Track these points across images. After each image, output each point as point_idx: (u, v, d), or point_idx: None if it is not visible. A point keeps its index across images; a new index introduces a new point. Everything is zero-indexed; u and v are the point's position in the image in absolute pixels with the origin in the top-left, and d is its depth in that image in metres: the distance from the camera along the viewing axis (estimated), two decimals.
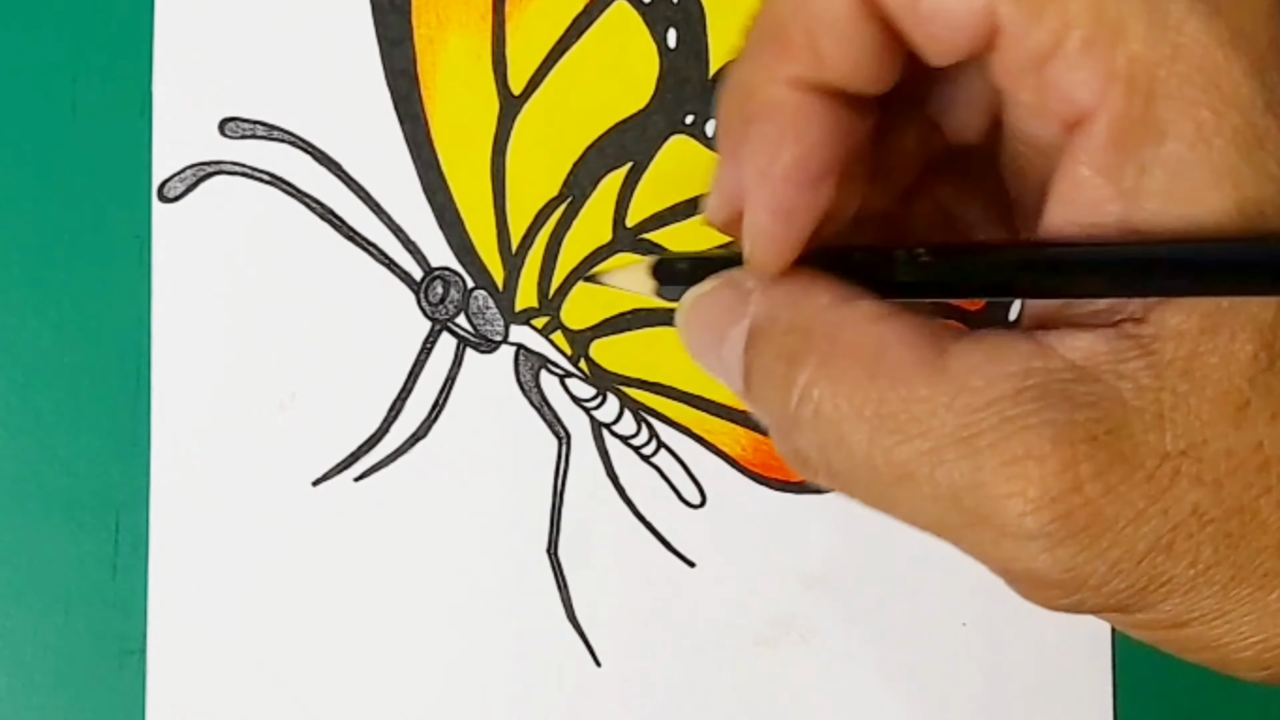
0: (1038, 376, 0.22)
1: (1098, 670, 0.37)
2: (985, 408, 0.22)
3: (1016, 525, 0.22)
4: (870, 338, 0.23)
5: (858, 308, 0.24)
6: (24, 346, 0.36)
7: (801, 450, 0.24)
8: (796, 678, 0.37)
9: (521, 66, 0.37)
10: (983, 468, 0.22)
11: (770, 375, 0.24)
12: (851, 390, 0.23)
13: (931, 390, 0.23)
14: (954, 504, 0.23)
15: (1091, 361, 0.22)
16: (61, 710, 0.35)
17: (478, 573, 0.36)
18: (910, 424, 0.23)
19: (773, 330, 0.25)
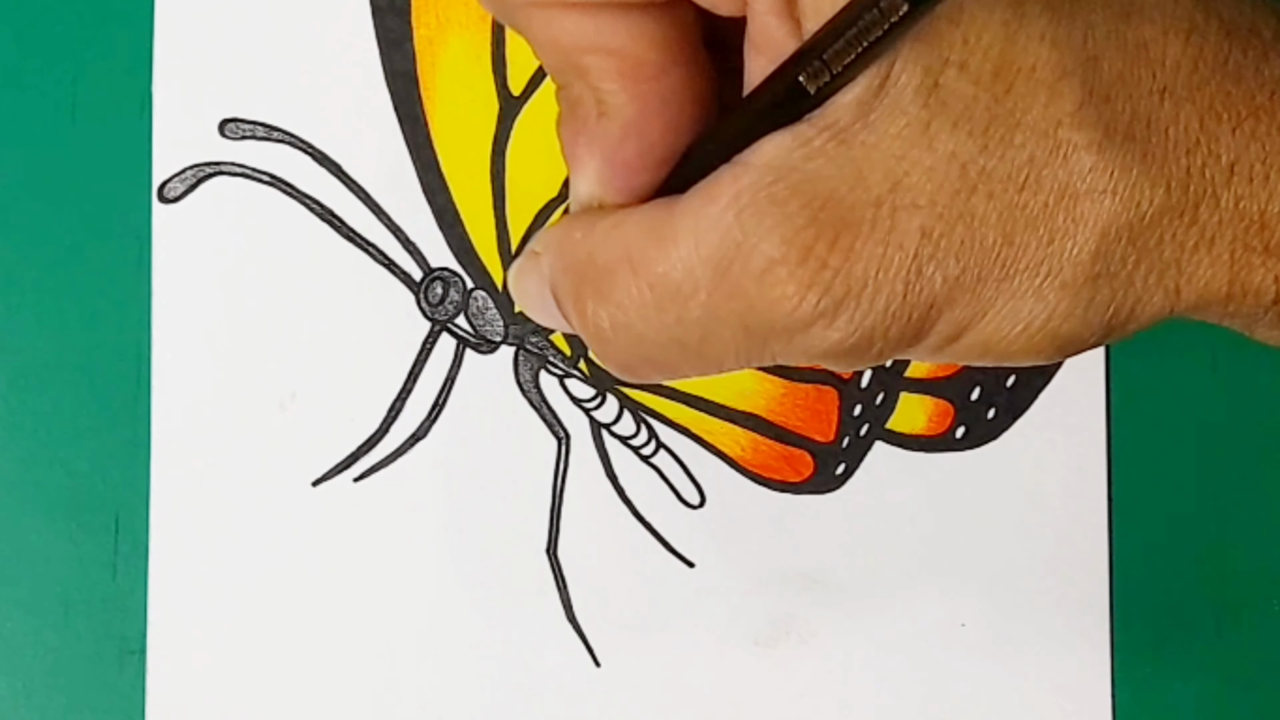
0: (747, 195, 0.25)
1: (1097, 670, 0.37)
2: (721, 242, 0.25)
3: (796, 320, 0.25)
4: (617, 245, 0.26)
5: (600, 228, 0.27)
6: (24, 346, 0.36)
7: (623, 361, 0.27)
8: (796, 678, 0.37)
9: (521, 67, 0.37)
10: (748, 291, 0.25)
11: (571, 316, 0.28)
12: (625, 293, 0.26)
13: (678, 252, 0.25)
14: (746, 331, 0.25)
15: (781, 158, 0.24)
16: (61, 710, 0.35)
17: (478, 573, 0.36)
18: (679, 289, 0.25)
19: (558, 280, 0.28)
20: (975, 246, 0.25)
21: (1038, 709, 0.37)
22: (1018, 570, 0.37)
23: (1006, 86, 0.24)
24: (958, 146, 0.24)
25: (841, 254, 0.24)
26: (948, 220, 0.24)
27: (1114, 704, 0.37)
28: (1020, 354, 0.26)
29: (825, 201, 0.24)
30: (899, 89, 0.24)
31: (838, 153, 0.24)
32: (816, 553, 0.37)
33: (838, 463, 0.37)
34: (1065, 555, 0.37)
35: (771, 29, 0.25)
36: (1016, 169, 0.24)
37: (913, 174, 0.24)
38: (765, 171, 0.25)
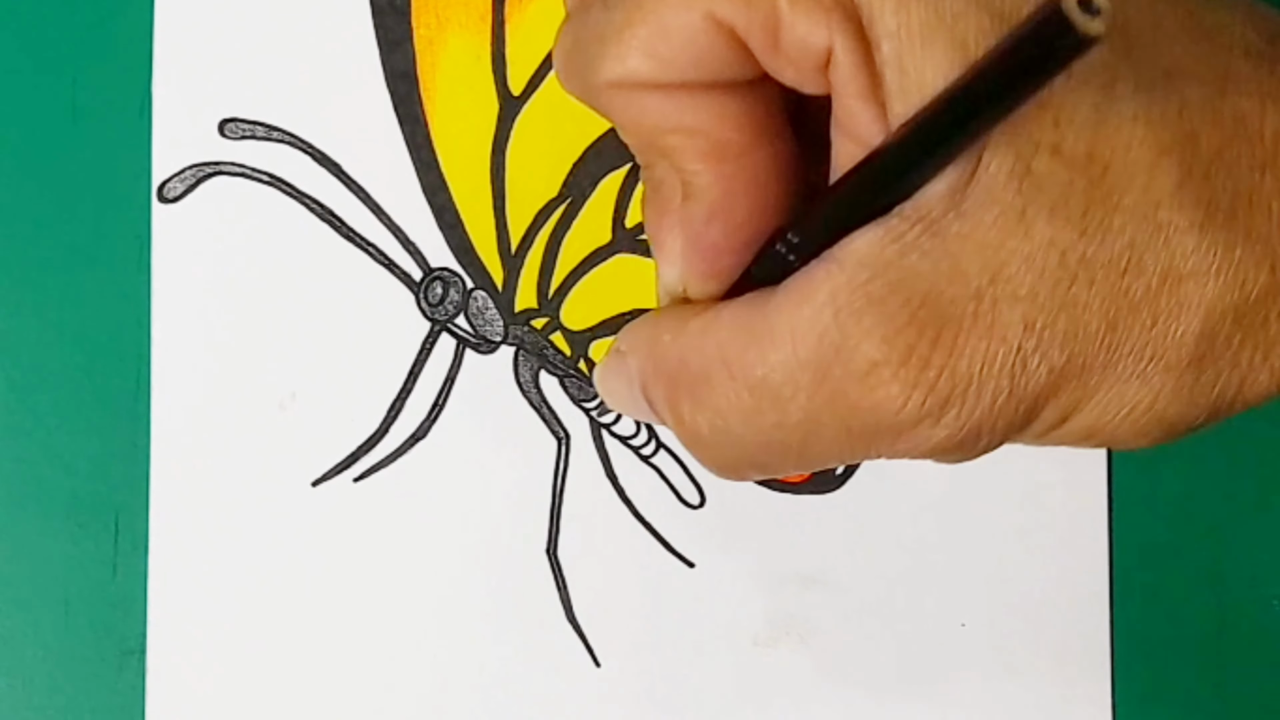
0: (843, 295, 0.24)
1: (1097, 670, 0.37)
2: (819, 344, 0.24)
3: (901, 421, 0.24)
4: (711, 348, 0.26)
5: (691, 329, 0.26)
6: (24, 346, 0.36)
7: (723, 463, 0.27)
8: (796, 678, 0.37)
9: (521, 67, 0.37)
10: (850, 393, 0.24)
11: (666, 419, 0.27)
12: (723, 400, 0.26)
13: (777, 355, 0.25)
14: (848, 433, 0.25)
15: (874, 254, 0.24)
16: (61, 710, 0.35)
17: (478, 573, 0.36)
18: (779, 392, 0.25)
19: (649, 383, 0.28)
20: (1079, 334, 0.24)
21: (1038, 709, 0.37)
22: (1018, 570, 0.37)
23: (1102, 169, 0.23)
24: (1055, 233, 0.23)
25: (944, 351, 0.24)
26: (1050, 310, 0.24)
27: (1114, 704, 0.37)
28: (1127, 438, 0.25)
29: (924, 298, 0.24)
30: (990, 176, 0.23)
31: (932, 245, 0.24)
32: (816, 553, 0.37)
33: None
34: (1065, 555, 0.37)
35: (857, 113, 0.24)
36: (1117, 254, 0.24)
37: (1011, 264, 0.23)
38: (859, 269, 0.24)
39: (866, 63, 0.24)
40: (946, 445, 0.25)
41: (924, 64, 0.23)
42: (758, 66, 0.25)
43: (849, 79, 0.24)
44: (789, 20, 0.24)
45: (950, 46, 0.23)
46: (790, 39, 0.24)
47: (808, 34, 0.24)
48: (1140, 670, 0.37)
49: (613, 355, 0.29)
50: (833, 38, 0.24)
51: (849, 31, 0.24)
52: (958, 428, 0.24)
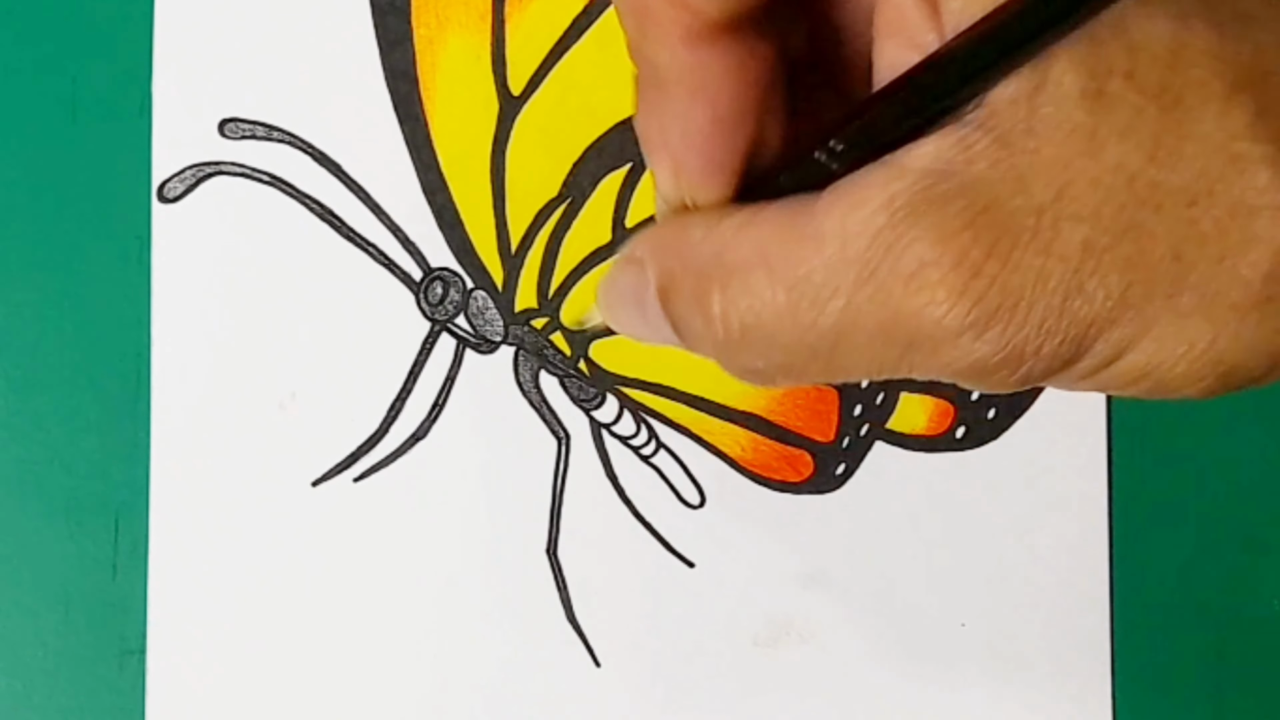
0: (902, 197, 0.23)
1: (1098, 670, 0.37)
2: (871, 245, 0.24)
3: (943, 330, 0.23)
4: (750, 242, 0.25)
5: (727, 225, 0.25)
6: (24, 346, 0.36)
7: (748, 365, 0.26)
8: (796, 678, 0.37)
9: (521, 67, 0.37)
10: (894, 294, 0.24)
11: (691, 320, 0.26)
12: (759, 293, 0.25)
13: (821, 255, 0.24)
14: (887, 339, 0.24)
15: (940, 161, 0.23)
16: (61, 710, 0.35)
17: (478, 573, 0.36)
18: (819, 292, 0.24)
19: (673, 284, 0.26)
20: (1141, 262, 0.23)
21: (1038, 709, 0.37)
22: (1018, 570, 0.37)
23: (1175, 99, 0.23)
24: (1125, 157, 0.23)
25: (999, 261, 0.23)
26: (1113, 233, 0.23)
27: (1114, 704, 0.37)
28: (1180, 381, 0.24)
29: (985, 206, 0.23)
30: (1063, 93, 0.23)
31: (1000, 157, 0.23)
32: (816, 553, 0.37)
33: (838, 463, 0.37)
34: (1065, 555, 0.37)
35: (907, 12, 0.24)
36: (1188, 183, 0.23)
37: (1077, 183, 0.23)
38: (924, 175, 0.23)
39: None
40: (985, 364, 0.24)
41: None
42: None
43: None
44: None
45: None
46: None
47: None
48: (1140, 670, 0.37)
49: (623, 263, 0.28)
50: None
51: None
52: (1001, 344, 0.24)
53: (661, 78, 0.26)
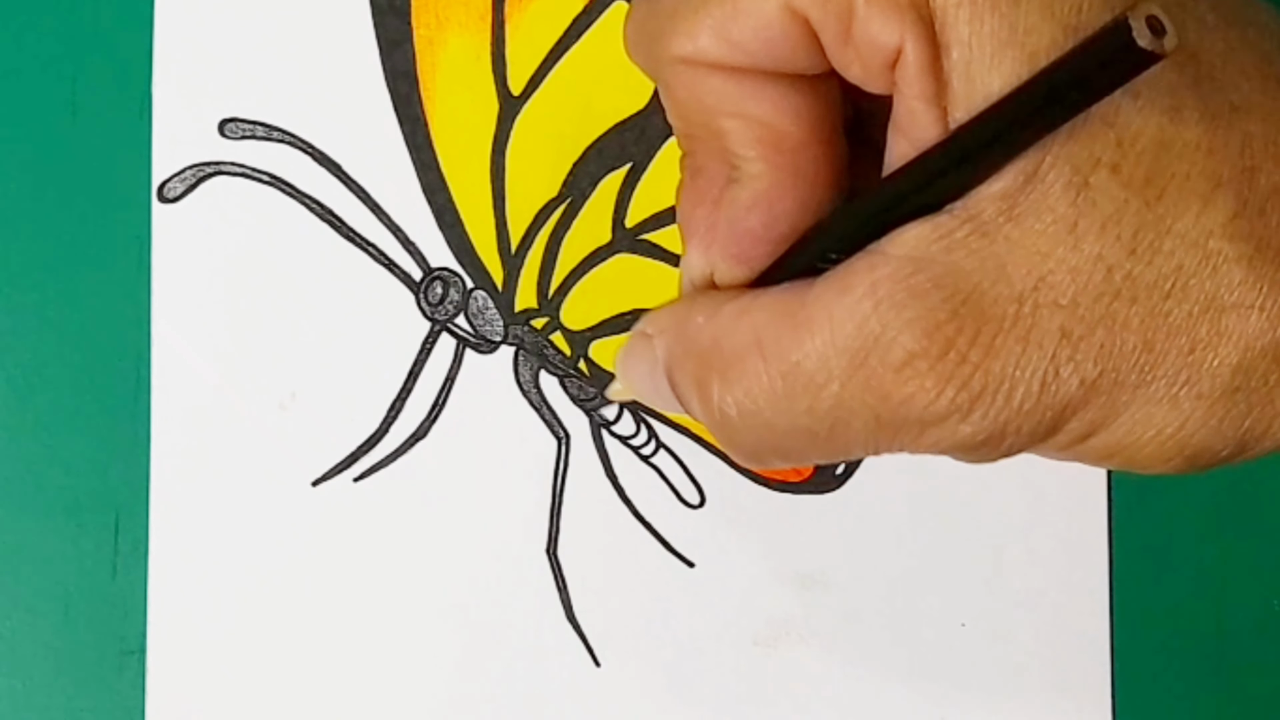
0: (885, 286, 0.24)
1: (1097, 670, 0.37)
2: (858, 333, 0.25)
3: (931, 414, 0.25)
4: (746, 332, 0.26)
5: (726, 313, 0.27)
6: (24, 346, 0.36)
7: (748, 448, 0.27)
8: (796, 678, 0.37)
9: (521, 67, 0.37)
10: (884, 383, 0.25)
11: (692, 401, 0.27)
12: (755, 381, 0.26)
13: (812, 342, 0.25)
14: (878, 422, 0.25)
15: (921, 249, 0.24)
16: (61, 710, 0.35)
17: (478, 573, 0.36)
18: (812, 379, 0.25)
19: (677, 364, 0.28)
20: (1114, 351, 0.24)
21: (1038, 709, 0.37)
22: (1018, 570, 0.37)
23: (1158, 193, 0.24)
24: (1105, 249, 0.24)
25: (981, 350, 0.24)
26: (1089, 323, 0.24)
27: (1114, 704, 0.37)
28: (1149, 461, 0.25)
29: (967, 296, 0.24)
30: (1047, 185, 0.24)
31: (980, 246, 0.24)
32: (816, 553, 0.37)
33: (838, 463, 0.37)
34: (1065, 556, 0.37)
35: (918, 114, 0.24)
36: (1163, 276, 0.24)
37: (1057, 273, 0.24)
38: (904, 263, 0.24)
39: (934, 66, 0.24)
40: (970, 442, 0.25)
41: (992, 74, 0.23)
42: (824, 61, 0.25)
43: (914, 80, 0.24)
44: (863, 16, 0.24)
45: (1020, 59, 0.23)
46: (862, 35, 0.24)
47: (880, 32, 0.24)
48: (1140, 670, 0.37)
49: (636, 338, 0.29)
50: (904, 38, 0.24)
51: (920, 34, 0.24)
52: (984, 426, 0.25)
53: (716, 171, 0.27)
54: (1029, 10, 0.23)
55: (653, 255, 0.37)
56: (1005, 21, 0.23)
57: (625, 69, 0.37)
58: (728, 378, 0.26)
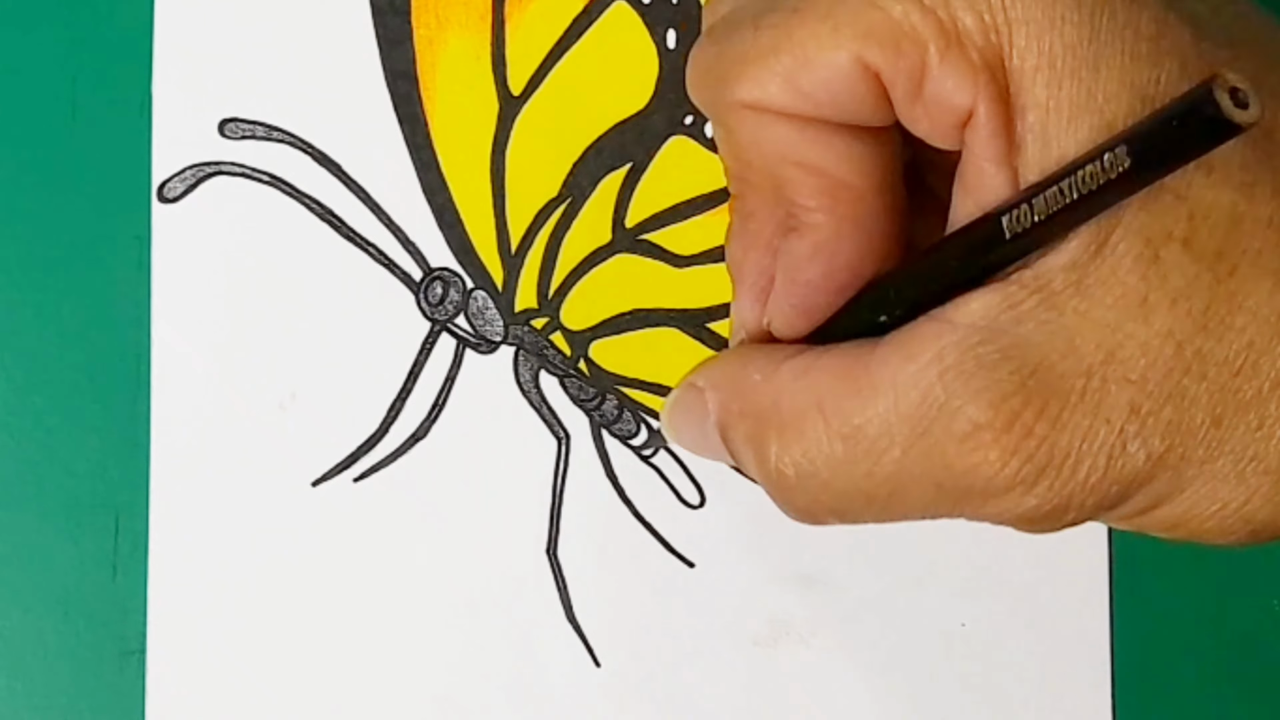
0: (951, 355, 0.24)
1: (1097, 670, 0.37)
2: (923, 402, 0.24)
3: (993, 486, 0.24)
4: (806, 392, 0.26)
5: (785, 371, 0.26)
6: (24, 346, 0.36)
7: (804, 508, 0.27)
8: (796, 678, 0.37)
9: (521, 67, 0.37)
10: (947, 453, 0.24)
11: (748, 459, 0.27)
12: (814, 443, 0.26)
13: (875, 408, 0.25)
14: (939, 490, 0.25)
15: (989, 319, 0.24)
16: (61, 710, 0.35)
17: (478, 573, 0.36)
18: (874, 445, 0.25)
19: (731, 421, 0.27)
20: (1183, 426, 0.24)
21: (1038, 709, 0.37)
22: (1018, 570, 0.37)
23: (1230, 268, 0.24)
24: (1175, 324, 0.24)
25: (1048, 423, 0.24)
26: (1157, 398, 0.24)
27: (1114, 704, 0.37)
28: (1212, 534, 0.25)
29: (1035, 368, 0.24)
30: (1117, 257, 0.23)
31: (1049, 318, 0.24)
32: (816, 553, 0.37)
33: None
34: (1065, 556, 0.37)
35: (987, 174, 0.24)
36: (1234, 353, 0.24)
37: (1126, 347, 0.24)
38: (971, 332, 0.24)
39: (1006, 128, 0.24)
40: (1034, 515, 0.25)
41: (1068, 139, 0.23)
42: (890, 114, 0.25)
43: (986, 141, 0.24)
44: (937, 75, 0.24)
45: (1097, 126, 0.23)
46: (934, 93, 0.24)
47: (954, 91, 0.24)
48: (1140, 670, 0.37)
49: (686, 390, 0.29)
50: (977, 99, 0.24)
51: (994, 95, 0.24)
52: (1048, 499, 0.24)
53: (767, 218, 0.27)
54: (1108, 77, 0.23)
55: (653, 255, 0.37)
56: (1083, 87, 0.23)
57: (625, 69, 0.37)
58: (786, 438, 0.26)
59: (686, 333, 0.37)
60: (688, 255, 0.37)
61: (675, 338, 0.37)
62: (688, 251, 0.37)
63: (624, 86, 0.37)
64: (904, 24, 0.24)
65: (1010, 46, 0.24)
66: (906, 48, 0.24)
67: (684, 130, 0.37)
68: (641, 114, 0.37)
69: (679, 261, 0.37)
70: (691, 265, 0.37)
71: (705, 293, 0.37)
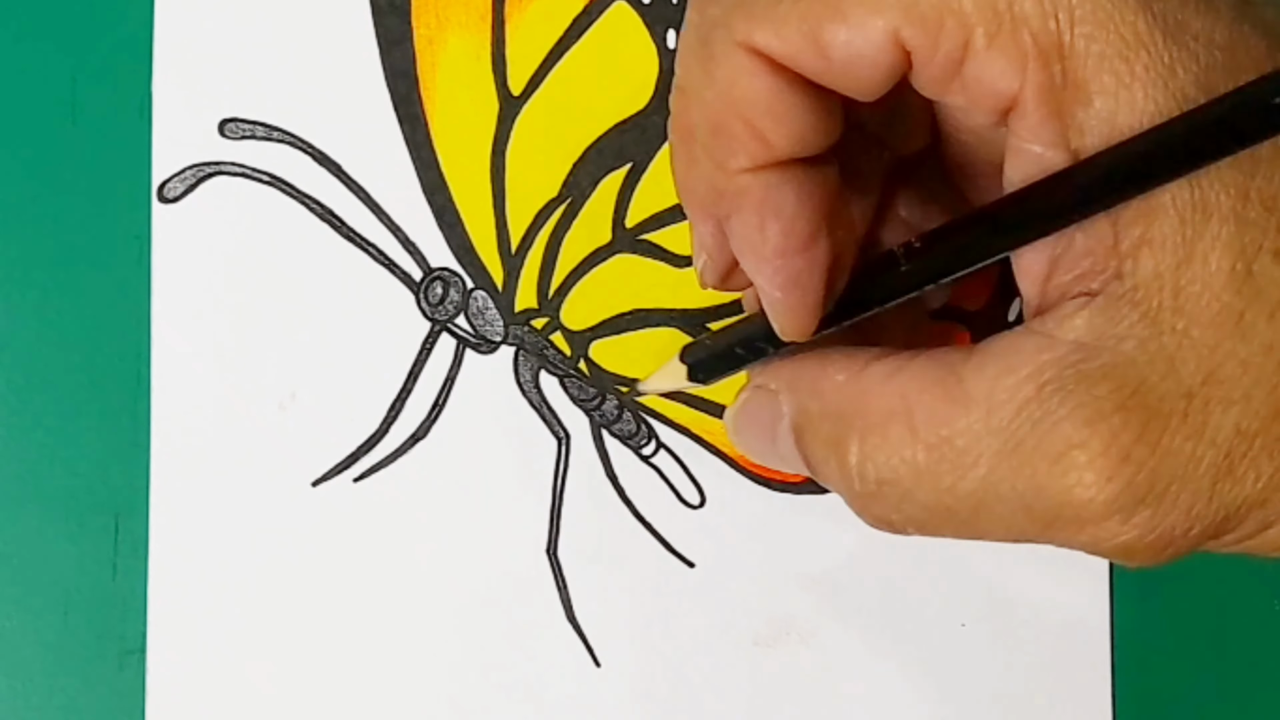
0: (1051, 370, 0.23)
1: (1098, 670, 0.37)
2: (1017, 416, 0.23)
3: (1089, 512, 0.23)
4: (894, 396, 0.25)
5: (871, 373, 0.25)
6: (24, 346, 0.36)
7: (882, 516, 0.26)
8: (796, 678, 0.37)
9: (521, 67, 0.37)
10: (1038, 472, 0.23)
11: (826, 463, 0.26)
12: (898, 450, 0.25)
13: (966, 419, 0.24)
14: (1028, 513, 0.24)
15: (1092, 335, 0.23)
16: (61, 710, 0.35)
17: (478, 573, 0.36)
18: (961, 457, 0.24)
19: (809, 423, 0.26)
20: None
21: (1038, 709, 0.37)
22: (1018, 570, 0.37)
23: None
24: (1275, 339, 0.23)
25: (1148, 447, 0.23)
26: (1264, 417, 0.23)
27: (1114, 704, 0.37)
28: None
29: (1135, 389, 0.23)
30: (1210, 274, 0.23)
31: (1148, 335, 0.23)
32: (816, 553, 0.37)
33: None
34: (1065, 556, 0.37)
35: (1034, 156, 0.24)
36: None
37: (1226, 365, 0.23)
38: (1074, 349, 0.23)
39: (1058, 112, 0.23)
40: (1132, 546, 0.24)
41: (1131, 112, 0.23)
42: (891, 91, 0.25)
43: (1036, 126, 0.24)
44: (981, 59, 0.23)
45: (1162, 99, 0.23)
46: (977, 75, 0.24)
47: (1000, 75, 0.23)
48: (1140, 670, 0.37)
49: (755, 391, 0.28)
50: (1025, 83, 0.23)
51: (1044, 81, 0.23)
52: (1149, 529, 0.24)
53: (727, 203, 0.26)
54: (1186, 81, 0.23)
55: (653, 255, 0.37)
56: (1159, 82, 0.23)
57: (625, 69, 0.37)
58: (869, 442, 0.25)
59: (686, 333, 0.37)
60: (688, 255, 0.37)
61: (675, 338, 0.37)
62: (688, 251, 0.37)
63: (624, 86, 0.37)
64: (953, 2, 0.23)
65: (1073, 35, 0.23)
66: (951, 27, 0.23)
67: None
68: (641, 114, 0.37)
69: (679, 261, 0.37)
70: (691, 265, 0.37)
71: (705, 293, 0.37)
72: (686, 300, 0.37)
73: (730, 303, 0.37)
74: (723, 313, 0.37)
